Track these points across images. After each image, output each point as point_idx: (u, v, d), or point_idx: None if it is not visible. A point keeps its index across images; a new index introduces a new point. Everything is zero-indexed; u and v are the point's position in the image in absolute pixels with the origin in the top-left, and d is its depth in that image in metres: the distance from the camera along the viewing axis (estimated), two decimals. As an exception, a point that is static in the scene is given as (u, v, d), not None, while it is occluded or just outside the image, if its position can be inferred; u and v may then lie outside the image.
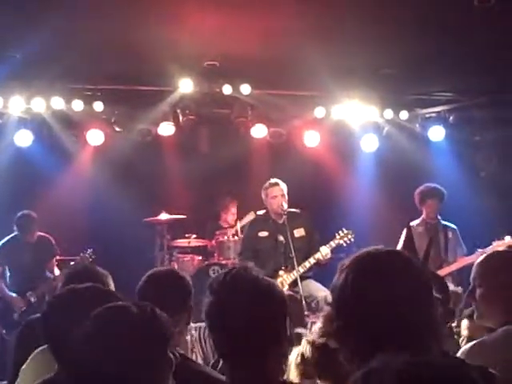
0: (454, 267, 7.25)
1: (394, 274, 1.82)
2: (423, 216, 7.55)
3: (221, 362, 2.37)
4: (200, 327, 6.60)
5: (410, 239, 6.85)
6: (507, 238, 7.25)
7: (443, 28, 6.38)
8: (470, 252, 7.31)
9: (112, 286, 3.31)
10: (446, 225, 7.58)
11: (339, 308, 1.86)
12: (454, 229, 7.56)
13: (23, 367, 3.03)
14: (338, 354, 2.38)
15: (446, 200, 7.55)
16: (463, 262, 7.28)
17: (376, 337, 1.76)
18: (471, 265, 6.61)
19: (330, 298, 1.94)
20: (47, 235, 7.70)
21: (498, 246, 7.17)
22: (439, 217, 7.58)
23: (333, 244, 7.01)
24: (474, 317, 3.02)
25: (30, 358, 3.03)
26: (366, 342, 1.77)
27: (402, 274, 1.83)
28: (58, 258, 7.81)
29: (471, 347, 2.76)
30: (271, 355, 2.04)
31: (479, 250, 7.20)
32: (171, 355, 1.90)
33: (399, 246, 7.33)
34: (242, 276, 2.08)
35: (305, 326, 5.66)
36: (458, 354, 2.70)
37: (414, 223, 7.57)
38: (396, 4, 5.87)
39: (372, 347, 1.73)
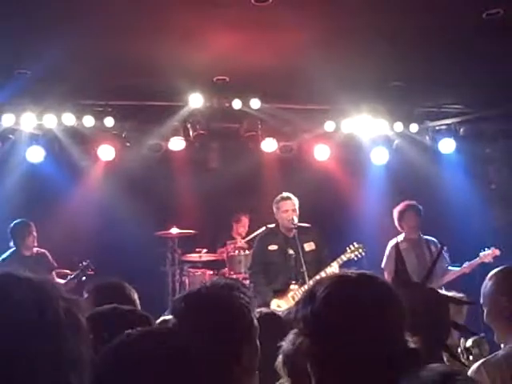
0: (444, 280, 7.17)
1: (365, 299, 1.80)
2: (404, 233, 7.50)
3: None
4: None
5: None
6: (492, 248, 7.25)
7: (452, 40, 6.39)
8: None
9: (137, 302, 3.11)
10: (427, 239, 7.51)
11: (316, 335, 1.81)
12: (435, 242, 7.48)
13: None
14: None
15: (453, 212, 7.51)
16: (452, 274, 7.25)
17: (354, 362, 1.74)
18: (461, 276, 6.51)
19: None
20: (44, 250, 7.57)
21: (485, 256, 7.16)
22: (420, 232, 7.52)
23: (344, 258, 6.98)
24: (495, 336, 3.06)
25: None
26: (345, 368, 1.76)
27: (374, 299, 1.80)
28: (57, 271, 7.61)
29: (478, 366, 2.83)
30: None
31: (467, 262, 7.19)
32: None
33: (384, 264, 7.30)
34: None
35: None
36: (469, 373, 2.74)
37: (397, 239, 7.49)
38: (405, 17, 5.89)
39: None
